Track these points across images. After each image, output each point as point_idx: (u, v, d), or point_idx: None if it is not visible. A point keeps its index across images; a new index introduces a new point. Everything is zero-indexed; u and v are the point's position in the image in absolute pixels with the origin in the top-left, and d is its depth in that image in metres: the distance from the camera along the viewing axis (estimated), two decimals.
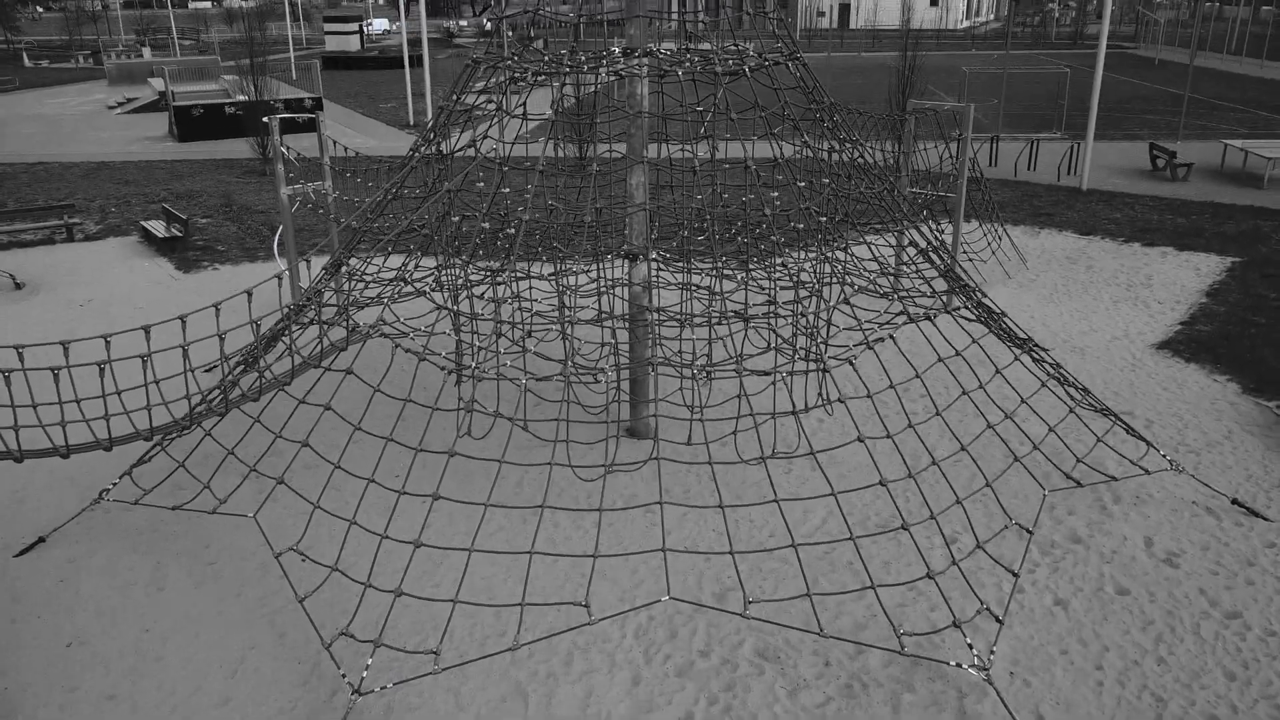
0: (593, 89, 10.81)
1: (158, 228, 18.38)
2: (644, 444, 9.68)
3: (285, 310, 9.58)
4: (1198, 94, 38.96)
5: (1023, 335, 9.03)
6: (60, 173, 26.35)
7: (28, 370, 7.68)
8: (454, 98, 9.55)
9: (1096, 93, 21.75)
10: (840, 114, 9.30)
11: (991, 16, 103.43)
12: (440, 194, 8.73)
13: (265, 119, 13.71)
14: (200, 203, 22.05)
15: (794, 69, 8.81)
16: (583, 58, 9.00)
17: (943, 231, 15.97)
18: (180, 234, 17.85)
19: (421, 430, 8.61)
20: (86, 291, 15.85)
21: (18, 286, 16.06)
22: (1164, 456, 9.22)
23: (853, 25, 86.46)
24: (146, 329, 7.96)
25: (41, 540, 8.51)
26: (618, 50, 9.15)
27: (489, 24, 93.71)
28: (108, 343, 7.83)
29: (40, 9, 73.04)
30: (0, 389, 8.70)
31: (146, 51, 59.14)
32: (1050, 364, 9.26)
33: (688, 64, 8.46)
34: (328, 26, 75.17)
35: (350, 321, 8.02)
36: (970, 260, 15.67)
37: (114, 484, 9.13)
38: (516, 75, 8.97)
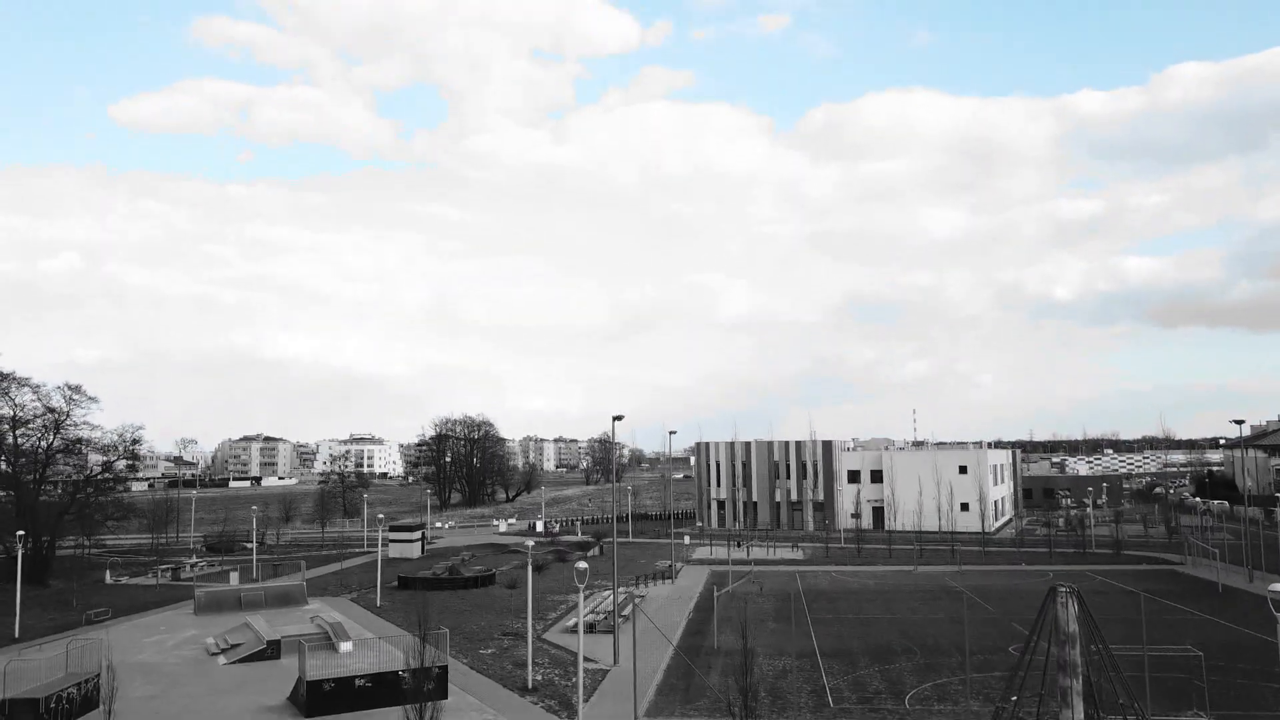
0: None
1: None
2: None
3: None
4: None
5: None
6: None
7: None
8: None
9: None
10: None
11: (1012, 514, 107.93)
12: None
13: None
14: None
15: None
16: None
17: None
18: None
19: None
20: None
21: None
22: None
23: (889, 525, 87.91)
24: None
25: None
26: None
27: (541, 524, 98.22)
28: None
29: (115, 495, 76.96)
30: None
31: (234, 576, 60.80)
32: None
33: None
34: (392, 535, 78.52)
35: None
36: None
37: None
38: None
